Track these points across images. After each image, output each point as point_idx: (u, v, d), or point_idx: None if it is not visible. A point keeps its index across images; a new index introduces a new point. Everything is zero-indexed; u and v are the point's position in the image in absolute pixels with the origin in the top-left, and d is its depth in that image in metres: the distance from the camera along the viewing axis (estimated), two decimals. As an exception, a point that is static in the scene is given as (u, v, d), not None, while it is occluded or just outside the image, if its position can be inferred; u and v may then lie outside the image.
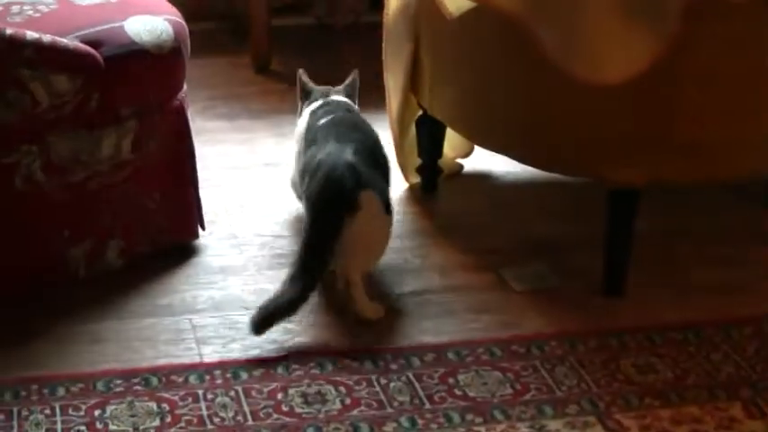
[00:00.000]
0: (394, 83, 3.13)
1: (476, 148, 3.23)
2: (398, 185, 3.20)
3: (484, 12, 2.62)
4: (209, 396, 2.36)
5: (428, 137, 3.12)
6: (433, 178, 3.17)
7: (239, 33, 4.12)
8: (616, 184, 2.65)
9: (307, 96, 2.95)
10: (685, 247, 2.96)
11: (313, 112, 2.85)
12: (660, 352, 2.52)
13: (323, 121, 2.76)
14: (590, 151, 2.65)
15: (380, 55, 3.17)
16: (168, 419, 2.29)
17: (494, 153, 3.00)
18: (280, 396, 2.36)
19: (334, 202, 2.52)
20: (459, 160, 3.30)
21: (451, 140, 3.18)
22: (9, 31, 2.44)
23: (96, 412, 2.30)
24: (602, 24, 2.47)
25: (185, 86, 2.81)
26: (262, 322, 2.47)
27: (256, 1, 3.87)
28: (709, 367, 2.48)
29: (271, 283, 2.72)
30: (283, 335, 2.54)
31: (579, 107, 2.61)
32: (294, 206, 3.06)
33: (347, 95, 2.95)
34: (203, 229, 2.90)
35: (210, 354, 2.48)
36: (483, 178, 3.29)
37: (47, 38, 2.49)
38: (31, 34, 2.47)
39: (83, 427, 2.26)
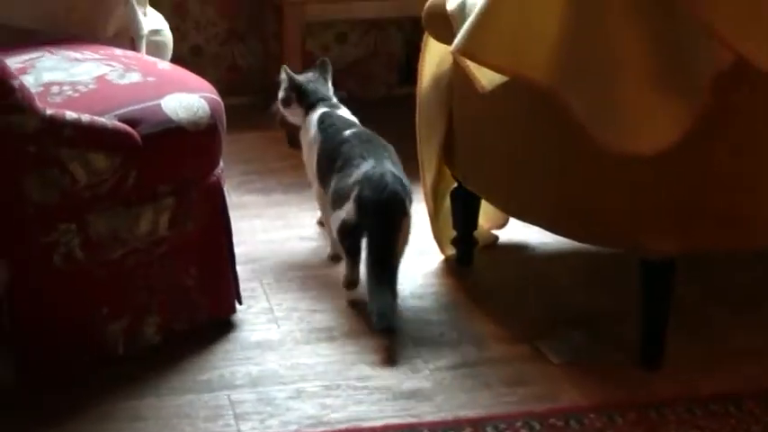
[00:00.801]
0: (428, 155, 3.15)
1: (510, 219, 3.24)
2: (434, 257, 3.21)
3: (516, 84, 2.63)
4: (248, 473, 2.36)
5: (463, 209, 3.13)
6: (469, 250, 3.17)
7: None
8: (651, 255, 2.64)
9: (296, 90, 3.26)
10: (722, 312, 2.95)
11: (322, 124, 3.16)
12: (700, 424, 2.50)
13: (347, 134, 3.08)
14: (624, 222, 2.65)
15: (414, 127, 3.19)
16: (207, 497, 2.29)
17: (528, 224, 3.01)
18: (318, 472, 2.36)
19: (395, 211, 2.89)
20: (495, 231, 3.31)
21: (486, 212, 3.19)
22: (49, 111, 2.47)
23: (135, 490, 2.31)
24: (634, 95, 2.48)
25: (221, 162, 2.83)
26: (384, 323, 2.77)
27: (290, 75, 3.90)
28: (750, 440, 2.46)
29: (308, 357, 2.73)
30: (321, 410, 2.54)
31: (612, 178, 2.62)
32: (329, 279, 3.08)
33: (324, 80, 3.31)
34: (240, 303, 2.91)
35: (249, 430, 2.48)
36: (518, 249, 3.29)
37: (85, 117, 2.52)
38: (70, 114, 2.50)
39: (122, 506, 2.27)
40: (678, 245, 2.63)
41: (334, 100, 3.29)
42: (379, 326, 2.78)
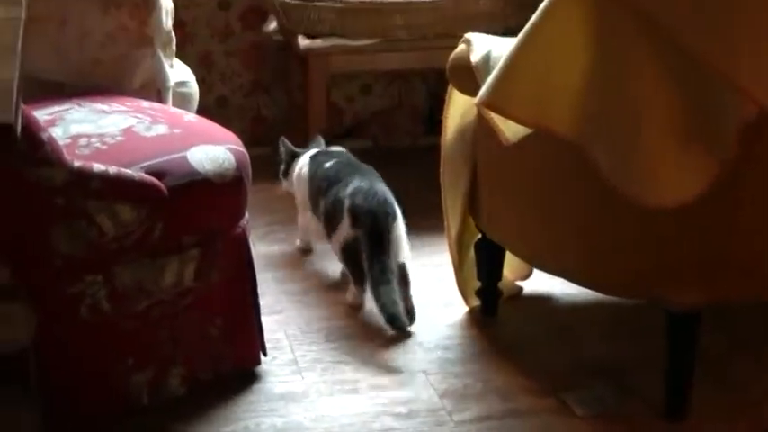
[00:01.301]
0: (452, 206, 3.16)
1: (534, 270, 3.24)
2: (458, 308, 3.21)
3: (540, 137, 2.64)
4: None
5: (487, 260, 3.13)
6: (493, 301, 3.17)
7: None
8: (676, 308, 2.64)
9: (293, 157, 3.54)
10: (746, 362, 2.94)
11: (312, 158, 3.46)
12: (726, 478, 2.49)
13: (329, 163, 3.36)
14: (648, 275, 2.65)
15: (438, 178, 3.20)
16: None
17: (552, 275, 3.01)
18: None
19: (386, 216, 3.10)
20: (519, 282, 3.31)
21: (511, 263, 3.19)
22: (77, 163, 2.49)
23: None
24: (659, 147, 2.48)
25: (247, 214, 2.85)
26: (400, 323, 2.98)
27: (315, 125, 3.93)
28: (777, 493, 2.44)
29: (333, 409, 2.73)
30: (345, 462, 2.55)
31: (637, 230, 2.62)
32: (354, 331, 3.08)
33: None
34: (265, 354, 2.91)
35: (273, 482, 2.48)
36: (543, 300, 3.29)
37: (113, 170, 2.54)
38: (97, 166, 2.52)
39: None
40: (703, 297, 2.62)
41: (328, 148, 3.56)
42: (393, 328, 2.97)
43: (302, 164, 3.48)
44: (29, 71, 2.58)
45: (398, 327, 2.98)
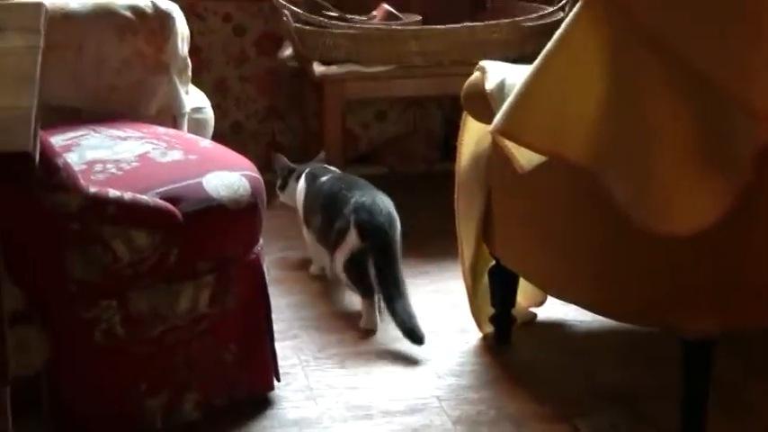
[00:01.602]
0: (466, 232, 3.16)
1: (548, 296, 3.24)
2: (472, 335, 3.21)
3: (554, 165, 2.64)
4: None
5: (501, 286, 3.13)
6: (507, 327, 3.17)
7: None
8: (691, 335, 2.63)
9: (290, 172, 3.61)
10: (761, 387, 2.93)
11: (308, 175, 3.53)
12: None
13: (324, 178, 3.44)
14: (663, 302, 2.64)
15: (453, 204, 3.21)
16: None
17: (566, 302, 3.01)
18: None
19: (393, 229, 3.20)
20: (533, 309, 3.31)
21: (524, 289, 3.19)
22: (92, 189, 2.51)
23: None
24: (673, 176, 2.48)
25: (261, 239, 2.86)
26: (420, 335, 3.04)
27: (331, 151, 3.94)
28: None
29: (346, 435, 2.74)
30: (359, 489, 2.55)
31: (651, 258, 2.62)
32: (367, 357, 3.08)
33: None
34: (278, 380, 2.92)
35: (286, 508, 2.48)
36: (556, 327, 3.28)
37: (128, 195, 2.55)
38: (113, 192, 2.54)
39: None
40: (717, 324, 2.61)
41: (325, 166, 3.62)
42: (412, 341, 3.04)
43: (300, 181, 3.55)
44: (46, 98, 2.59)
45: (417, 339, 3.03)
